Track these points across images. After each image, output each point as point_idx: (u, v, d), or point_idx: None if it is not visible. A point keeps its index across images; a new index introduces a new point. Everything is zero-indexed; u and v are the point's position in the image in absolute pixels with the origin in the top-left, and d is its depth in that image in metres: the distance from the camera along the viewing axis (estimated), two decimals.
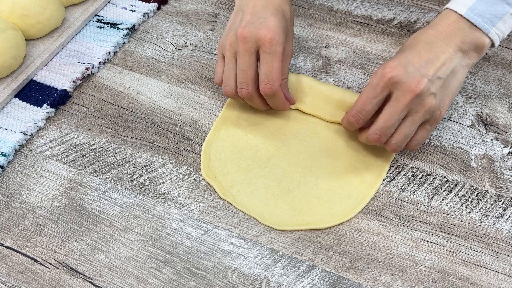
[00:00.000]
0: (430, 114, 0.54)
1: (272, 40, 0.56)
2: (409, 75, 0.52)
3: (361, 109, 0.55)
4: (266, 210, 0.57)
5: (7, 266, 0.54)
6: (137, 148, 0.63)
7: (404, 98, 0.52)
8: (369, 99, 0.54)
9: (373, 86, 0.54)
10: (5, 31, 0.66)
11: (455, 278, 0.53)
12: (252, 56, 0.58)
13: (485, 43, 0.55)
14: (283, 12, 0.60)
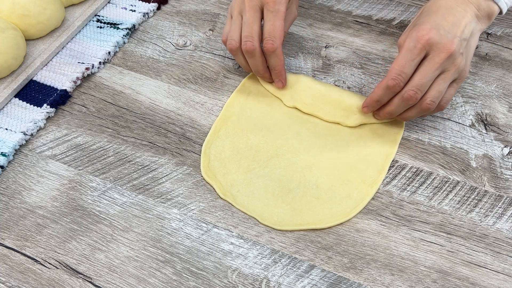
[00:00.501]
0: (458, 72, 0.57)
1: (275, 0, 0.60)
2: (443, 37, 0.55)
3: (401, 71, 0.56)
4: (266, 210, 0.57)
5: (7, 266, 0.54)
6: (137, 148, 0.63)
7: (439, 57, 0.55)
8: (408, 61, 0.56)
9: (410, 48, 0.56)
10: (5, 31, 0.66)
11: (455, 278, 0.53)
12: (257, 13, 0.61)
13: (495, 10, 0.60)
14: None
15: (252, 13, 0.61)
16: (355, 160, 0.61)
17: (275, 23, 0.60)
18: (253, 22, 0.61)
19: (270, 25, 0.61)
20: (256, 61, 0.63)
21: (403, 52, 0.56)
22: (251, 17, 0.61)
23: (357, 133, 0.63)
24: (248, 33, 0.61)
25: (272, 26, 0.61)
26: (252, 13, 0.61)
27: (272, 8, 0.60)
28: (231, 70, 0.70)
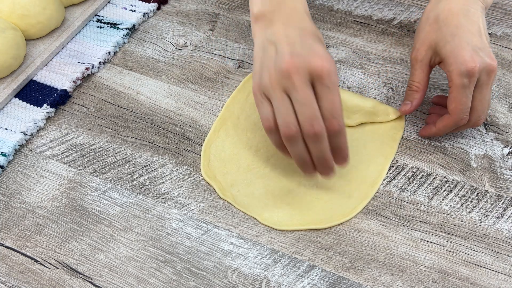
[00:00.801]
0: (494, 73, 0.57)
1: (330, 71, 0.50)
2: (483, 56, 0.55)
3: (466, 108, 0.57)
4: (266, 210, 0.57)
5: (7, 266, 0.54)
6: (137, 148, 0.63)
7: (489, 80, 0.56)
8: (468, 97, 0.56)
9: (466, 85, 0.56)
10: (5, 31, 0.66)
11: (455, 278, 0.53)
12: (310, 89, 0.51)
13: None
14: (320, 39, 0.54)
15: (307, 91, 0.50)
16: (355, 160, 0.61)
17: (334, 98, 0.51)
18: (312, 101, 0.50)
19: (329, 102, 0.51)
20: (323, 146, 0.52)
21: (459, 90, 0.56)
22: (307, 95, 0.50)
23: (357, 132, 0.63)
24: (312, 114, 0.50)
25: (331, 102, 0.51)
26: (307, 91, 0.50)
27: (328, 82, 0.50)
28: (231, 70, 0.70)
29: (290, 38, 0.53)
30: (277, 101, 0.52)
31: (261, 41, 0.55)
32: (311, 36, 0.53)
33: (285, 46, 0.52)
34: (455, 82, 0.56)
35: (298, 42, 0.52)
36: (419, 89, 0.61)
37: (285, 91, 0.51)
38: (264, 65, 0.53)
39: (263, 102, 0.53)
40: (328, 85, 0.50)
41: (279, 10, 0.55)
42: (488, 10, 0.76)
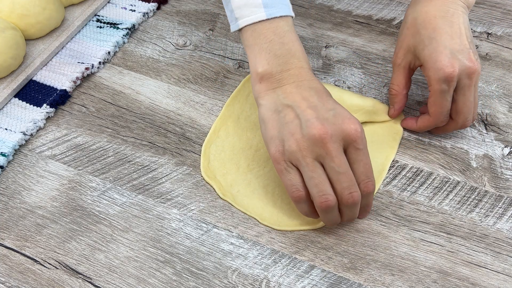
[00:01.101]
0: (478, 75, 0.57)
1: (362, 134, 0.50)
2: (462, 59, 0.55)
3: (446, 112, 0.58)
4: (266, 210, 0.57)
5: (6, 266, 0.54)
6: (137, 148, 0.63)
7: (471, 82, 0.56)
8: (446, 100, 0.57)
9: (443, 90, 0.56)
10: (5, 31, 0.66)
11: (455, 278, 0.52)
12: (344, 156, 0.50)
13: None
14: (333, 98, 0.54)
15: (342, 158, 0.49)
16: None
17: (367, 160, 0.50)
18: (348, 169, 0.50)
19: (363, 166, 0.50)
20: (357, 210, 0.52)
21: (438, 95, 0.56)
22: (344, 163, 0.49)
23: None
24: (349, 182, 0.50)
25: (365, 166, 0.50)
26: (342, 158, 0.49)
27: (361, 145, 0.50)
28: (231, 70, 0.70)
29: (309, 102, 0.51)
30: (309, 170, 0.50)
31: (272, 103, 0.53)
32: (327, 97, 0.52)
33: (307, 110, 0.51)
34: (434, 87, 0.56)
35: (320, 106, 0.51)
36: (398, 92, 0.62)
37: (317, 159, 0.50)
38: (285, 130, 0.51)
39: (290, 171, 0.51)
40: (361, 148, 0.50)
41: (287, 70, 0.53)
42: (488, 10, 0.76)
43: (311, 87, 0.53)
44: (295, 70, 0.54)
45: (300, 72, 0.54)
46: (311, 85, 0.53)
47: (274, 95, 0.53)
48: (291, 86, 0.53)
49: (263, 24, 0.54)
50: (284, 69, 0.53)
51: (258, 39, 0.54)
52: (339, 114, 0.50)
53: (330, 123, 0.49)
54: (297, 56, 0.54)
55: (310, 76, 0.54)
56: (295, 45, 0.54)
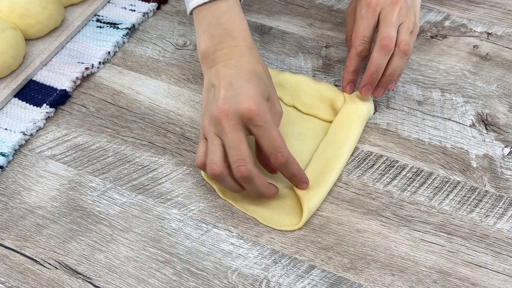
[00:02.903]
0: (413, 25, 0.61)
1: (258, 111, 0.52)
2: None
3: (363, 37, 0.60)
4: (266, 210, 0.57)
5: (6, 266, 0.54)
6: (137, 148, 0.63)
7: (393, 10, 0.59)
8: (365, 26, 0.60)
9: (363, 15, 0.60)
10: (5, 31, 0.66)
11: (455, 278, 0.52)
12: (241, 132, 0.53)
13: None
14: (257, 74, 0.55)
15: (235, 134, 0.52)
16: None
17: (271, 134, 0.52)
18: (240, 143, 0.52)
19: (267, 139, 0.53)
20: (254, 185, 0.54)
21: (358, 20, 0.61)
22: (236, 139, 0.52)
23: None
24: (238, 156, 0.52)
25: (270, 139, 0.53)
26: (235, 134, 0.52)
27: (260, 122, 0.52)
28: None
29: (226, 80, 0.55)
30: (209, 143, 0.54)
31: (206, 82, 0.58)
32: (246, 74, 0.55)
33: (220, 89, 0.54)
34: (357, 14, 0.61)
35: (231, 84, 0.54)
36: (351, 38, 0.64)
37: (218, 135, 0.54)
38: (206, 107, 0.56)
39: (201, 142, 0.55)
40: (260, 124, 0.52)
41: (220, 50, 0.57)
42: (488, 10, 0.76)
43: (236, 66, 0.55)
44: (227, 49, 0.57)
45: (232, 51, 0.56)
46: (237, 63, 0.56)
47: (208, 74, 0.57)
48: (220, 65, 0.56)
49: (204, 7, 0.58)
50: (218, 49, 0.57)
51: (200, 22, 0.59)
52: (242, 93, 0.53)
53: (230, 102, 0.53)
54: (233, 35, 0.57)
55: (240, 54, 0.56)
56: (232, 25, 0.57)
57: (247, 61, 0.56)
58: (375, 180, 0.59)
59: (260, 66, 0.57)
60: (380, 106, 0.66)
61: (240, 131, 0.53)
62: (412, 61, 0.71)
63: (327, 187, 0.57)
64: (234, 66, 0.55)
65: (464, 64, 0.70)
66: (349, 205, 0.58)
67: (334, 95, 0.64)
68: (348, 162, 0.61)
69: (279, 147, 0.53)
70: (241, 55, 0.56)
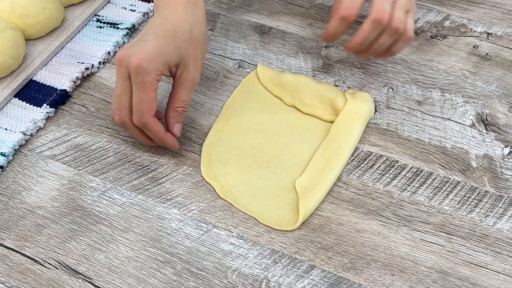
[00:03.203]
0: (409, 3, 0.58)
1: (138, 69, 0.53)
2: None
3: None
4: (266, 210, 0.57)
5: (6, 266, 0.54)
6: (137, 148, 0.63)
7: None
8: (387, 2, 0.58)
9: None
10: (5, 31, 0.66)
11: (455, 278, 0.52)
12: (126, 81, 0.54)
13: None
14: (175, 33, 0.55)
15: (121, 82, 0.55)
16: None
17: (140, 96, 0.54)
18: (122, 94, 0.55)
19: (135, 98, 0.54)
20: (133, 133, 0.58)
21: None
22: (119, 88, 0.55)
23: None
24: (117, 104, 0.56)
25: (137, 98, 0.54)
26: (121, 82, 0.55)
27: (135, 79, 0.53)
28: (231, 70, 0.70)
29: (146, 29, 0.56)
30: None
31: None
32: (163, 30, 0.55)
33: (137, 37, 0.56)
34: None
35: (145, 34, 0.55)
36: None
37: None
38: None
39: None
40: (136, 81, 0.53)
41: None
42: (488, 10, 0.76)
43: (164, 18, 0.56)
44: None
45: (170, 1, 0.57)
46: (167, 16, 0.56)
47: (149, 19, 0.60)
48: (156, 13, 0.58)
49: None
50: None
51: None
52: (142, 47, 0.54)
53: (127, 51, 0.54)
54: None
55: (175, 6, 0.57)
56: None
57: (177, 16, 0.56)
58: (375, 180, 0.59)
59: (187, 24, 0.56)
60: (380, 106, 0.66)
61: (126, 81, 0.54)
62: (412, 61, 0.71)
63: (326, 187, 0.57)
64: (162, 17, 0.56)
65: (464, 64, 0.70)
66: (349, 205, 0.58)
67: (335, 95, 0.64)
68: (348, 162, 0.61)
69: (140, 111, 0.55)
70: (176, 8, 0.56)
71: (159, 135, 0.57)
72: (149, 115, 0.55)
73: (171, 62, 0.55)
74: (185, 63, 0.56)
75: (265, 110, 0.65)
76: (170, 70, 0.56)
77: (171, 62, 0.55)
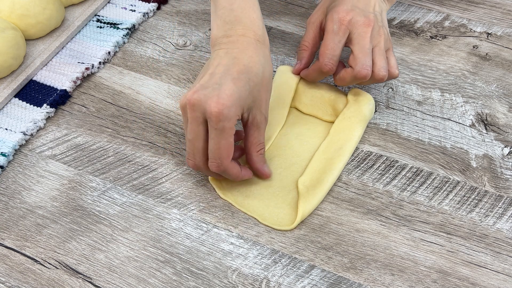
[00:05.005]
0: (384, 41, 0.61)
1: (219, 115, 0.50)
2: (360, 14, 0.60)
3: (332, 55, 0.60)
4: (266, 210, 0.57)
5: (6, 266, 0.54)
6: (137, 148, 0.63)
7: (365, 31, 0.59)
8: (336, 44, 0.60)
9: (335, 31, 0.60)
10: (5, 31, 0.66)
11: (455, 278, 0.53)
12: (201, 126, 0.52)
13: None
14: (249, 75, 0.53)
15: (195, 127, 0.52)
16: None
17: (219, 141, 0.52)
18: (196, 139, 0.53)
19: (213, 144, 0.52)
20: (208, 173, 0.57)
21: (328, 36, 0.60)
22: (193, 133, 0.53)
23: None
24: (190, 150, 0.54)
25: (216, 145, 0.52)
26: (195, 127, 0.52)
27: (215, 125, 0.51)
28: None
29: (215, 68, 0.53)
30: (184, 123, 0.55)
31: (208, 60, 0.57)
32: (237, 71, 0.53)
33: (206, 76, 0.53)
34: (327, 28, 0.60)
35: (217, 75, 0.53)
36: (308, 48, 0.65)
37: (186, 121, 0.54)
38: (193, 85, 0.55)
39: None
40: (215, 127, 0.51)
41: (228, 37, 0.56)
42: (488, 10, 0.76)
43: (235, 57, 0.54)
44: (235, 37, 0.56)
45: (239, 39, 0.55)
46: (238, 55, 0.54)
47: (212, 54, 0.56)
48: (222, 51, 0.55)
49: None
50: (226, 34, 0.56)
51: (215, 7, 0.58)
52: (218, 90, 0.51)
53: (201, 94, 0.51)
54: (244, 23, 0.56)
55: (245, 46, 0.55)
56: (245, 12, 0.57)
57: (248, 57, 0.54)
58: (375, 180, 0.59)
59: (259, 66, 0.54)
60: (380, 106, 0.66)
61: (201, 125, 0.52)
62: (412, 61, 0.71)
63: (326, 187, 0.57)
64: (233, 57, 0.54)
65: (463, 64, 0.70)
66: (349, 205, 0.58)
67: (335, 96, 0.64)
68: (348, 162, 0.61)
69: (218, 157, 0.53)
70: (246, 47, 0.55)
71: (237, 176, 0.56)
72: (228, 161, 0.53)
73: (245, 106, 0.53)
74: (257, 106, 0.55)
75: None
76: (242, 115, 0.54)
77: (245, 106, 0.53)
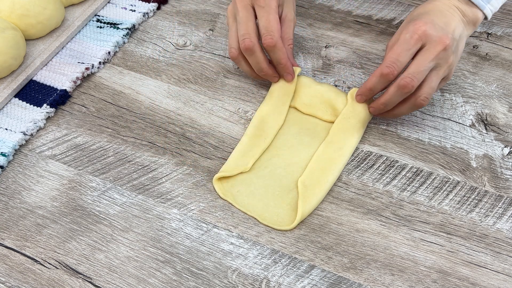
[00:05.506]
0: (449, 70, 0.58)
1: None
2: (438, 31, 0.56)
3: (396, 60, 0.57)
4: (266, 210, 0.57)
5: (6, 266, 0.54)
6: (137, 148, 0.63)
7: (435, 49, 0.56)
8: (404, 51, 0.57)
9: (406, 39, 0.57)
10: (5, 31, 0.66)
11: (455, 278, 0.53)
12: (250, 11, 0.62)
13: (479, 17, 0.61)
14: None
15: (245, 12, 0.61)
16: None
17: (269, 17, 0.61)
18: (247, 20, 0.61)
19: (264, 21, 0.61)
20: (257, 58, 0.62)
21: (399, 42, 0.57)
22: (244, 16, 0.61)
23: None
24: (244, 31, 0.61)
25: (266, 21, 0.61)
26: (245, 12, 0.61)
27: (263, 4, 0.61)
28: (231, 70, 0.70)
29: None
30: (229, 27, 0.64)
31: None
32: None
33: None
34: (401, 36, 0.57)
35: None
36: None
37: (234, 17, 0.64)
38: None
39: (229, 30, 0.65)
40: (262, 5, 0.61)
41: None
42: None
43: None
44: None
45: None
46: None
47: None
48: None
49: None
50: None
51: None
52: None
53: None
54: None
55: None
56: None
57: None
58: (375, 180, 0.59)
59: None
60: None
61: (249, 10, 0.62)
62: None
63: (326, 188, 0.57)
64: None
65: (463, 64, 0.70)
66: (349, 205, 0.58)
67: (335, 96, 0.64)
68: (348, 162, 0.61)
69: (272, 31, 0.61)
70: None
71: (286, 56, 0.62)
72: (279, 34, 0.61)
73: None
74: (288, 4, 0.65)
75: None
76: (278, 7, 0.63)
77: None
